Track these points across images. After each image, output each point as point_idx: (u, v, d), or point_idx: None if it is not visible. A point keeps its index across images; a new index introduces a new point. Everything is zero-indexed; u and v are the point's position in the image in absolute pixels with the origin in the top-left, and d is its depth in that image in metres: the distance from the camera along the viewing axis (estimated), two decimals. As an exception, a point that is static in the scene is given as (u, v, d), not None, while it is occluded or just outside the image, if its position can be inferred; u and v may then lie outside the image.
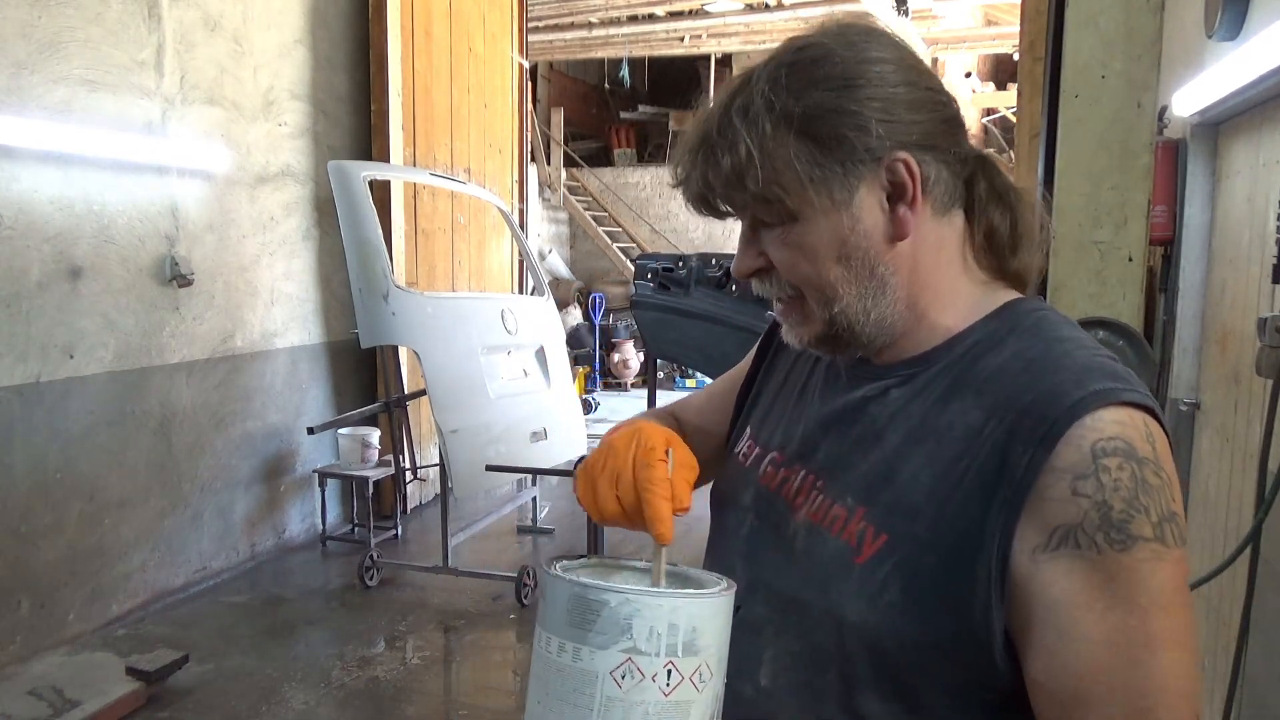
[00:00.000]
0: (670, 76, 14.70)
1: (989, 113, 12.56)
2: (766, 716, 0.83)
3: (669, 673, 0.69)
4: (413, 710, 3.34)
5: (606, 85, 15.22)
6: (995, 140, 12.44)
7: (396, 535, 5.16)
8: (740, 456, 0.97)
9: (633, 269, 7.68)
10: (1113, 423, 0.70)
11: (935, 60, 10.96)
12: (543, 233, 12.02)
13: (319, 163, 4.92)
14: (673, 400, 1.20)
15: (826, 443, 0.86)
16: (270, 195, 4.72)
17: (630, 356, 10.89)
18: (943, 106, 0.81)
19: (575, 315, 10.93)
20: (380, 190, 4.95)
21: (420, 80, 5.51)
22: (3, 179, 3.33)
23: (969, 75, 12.44)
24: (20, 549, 3.45)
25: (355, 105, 5.31)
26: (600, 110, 15.41)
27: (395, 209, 5.19)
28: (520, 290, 6.84)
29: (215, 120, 4.34)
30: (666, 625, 0.69)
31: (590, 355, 10.73)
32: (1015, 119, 5.10)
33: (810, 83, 0.76)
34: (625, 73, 12.06)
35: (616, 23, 10.37)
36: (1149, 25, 2.94)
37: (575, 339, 10.27)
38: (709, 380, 1.23)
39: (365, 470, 4.91)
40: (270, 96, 4.69)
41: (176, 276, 4.07)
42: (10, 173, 3.36)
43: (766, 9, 9.90)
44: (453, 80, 5.91)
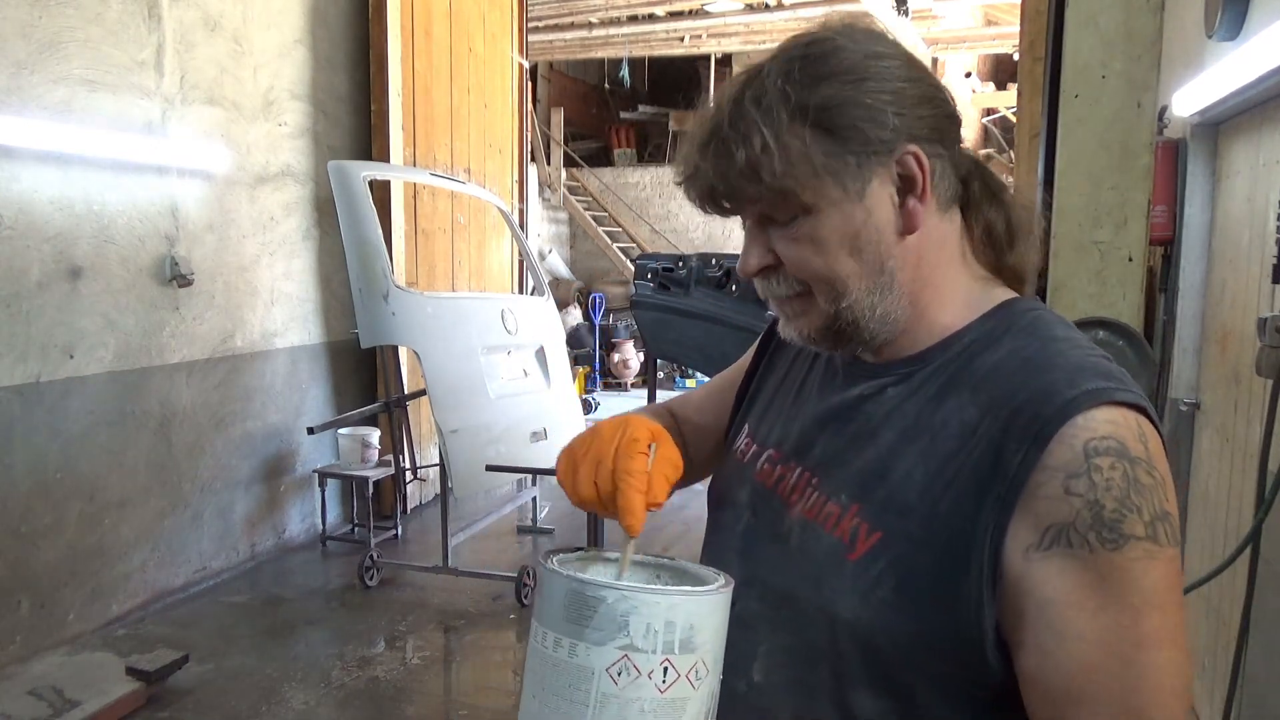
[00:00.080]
0: (670, 76, 14.70)
1: (989, 113, 12.55)
2: (759, 712, 0.84)
3: (665, 670, 0.69)
4: (413, 710, 3.34)
5: (606, 85, 15.22)
6: (995, 140, 12.43)
7: (396, 535, 5.16)
8: (738, 454, 0.97)
9: (633, 269, 7.67)
10: (1105, 422, 0.70)
11: (935, 60, 10.95)
12: (543, 233, 12.02)
13: (319, 163, 4.92)
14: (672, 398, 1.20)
15: (822, 440, 0.87)
16: (270, 195, 4.72)
17: (630, 356, 10.88)
18: (944, 103, 0.82)
19: (575, 315, 10.93)
20: (380, 190, 4.95)
21: (420, 80, 5.51)
22: (3, 179, 3.33)
23: (969, 75, 12.43)
24: (20, 549, 3.45)
25: (355, 105, 5.31)
26: (600, 110, 15.41)
27: (395, 209, 5.19)
28: (520, 290, 6.84)
29: (215, 120, 4.33)
30: (663, 622, 0.69)
31: (590, 355, 10.72)
32: (1015, 119, 5.10)
33: (822, 75, 0.76)
34: (625, 73, 12.05)
35: (616, 23, 10.37)
36: (1149, 25, 2.94)
37: (575, 339, 10.26)
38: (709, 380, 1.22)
39: (365, 470, 4.91)
40: (270, 96, 4.69)
41: (176, 276, 4.07)
42: (10, 173, 3.36)
43: (766, 9, 9.90)
44: (453, 80, 5.91)
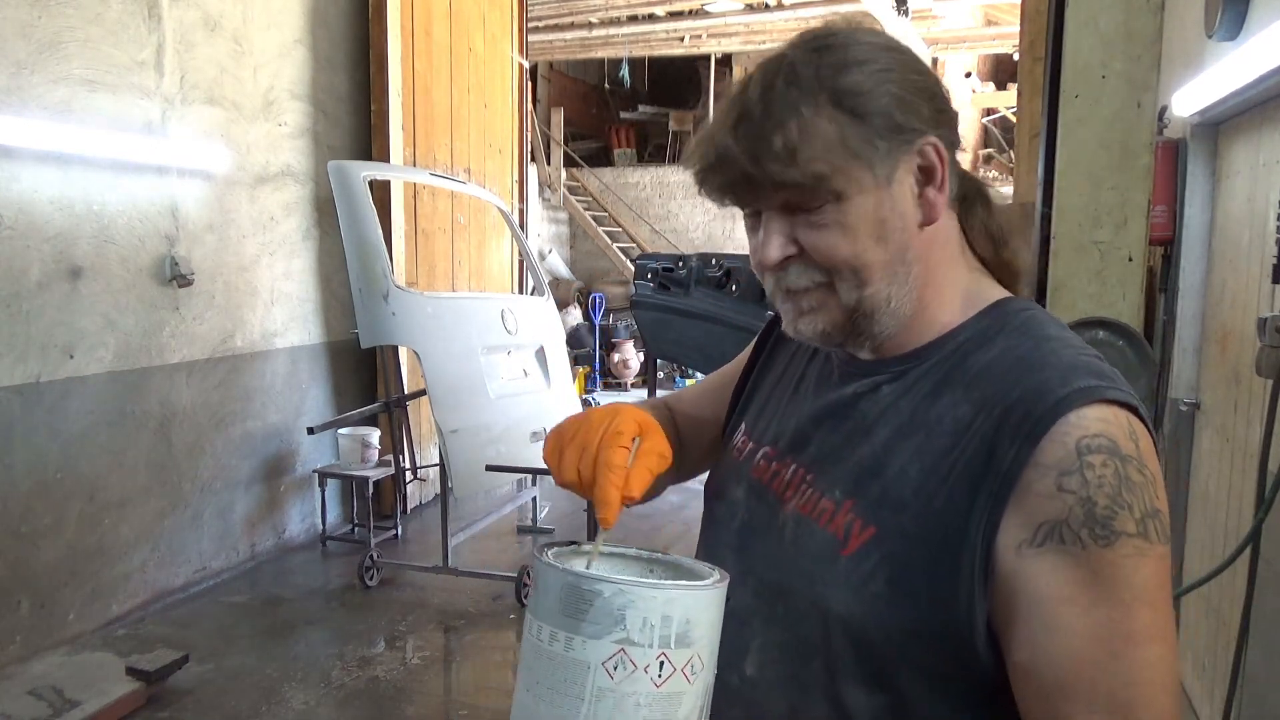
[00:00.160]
0: (670, 76, 14.72)
1: (989, 113, 12.56)
2: (752, 706, 0.84)
3: (661, 664, 0.69)
4: (413, 710, 3.34)
5: (606, 85, 15.22)
6: (995, 140, 12.44)
7: (396, 535, 5.16)
8: (734, 451, 0.98)
9: (633, 269, 7.68)
10: (1096, 420, 0.71)
11: (935, 60, 10.95)
12: (543, 233, 12.02)
13: (319, 163, 4.92)
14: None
15: (818, 437, 0.87)
16: (270, 195, 4.72)
17: (630, 356, 10.89)
18: (948, 101, 0.83)
19: (575, 315, 10.93)
20: (380, 190, 4.95)
21: (420, 80, 5.51)
22: (3, 179, 3.33)
23: (969, 75, 12.44)
24: (20, 549, 3.45)
25: (355, 105, 5.31)
26: (600, 110, 15.41)
27: (395, 209, 5.19)
28: (520, 290, 6.84)
29: (215, 120, 4.34)
30: (660, 616, 0.68)
31: (590, 355, 10.73)
32: (1015, 119, 5.10)
33: (848, 63, 0.77)
34: (625, 73, 12.06)
35: (616, 23, 10.37)
36: (1149, 25, 2.94)
37: (575, 339, 10.27)
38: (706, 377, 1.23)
39: (365, 470, 4.91)
40: (270, 96, 4.69)
41: (176, 276, 4.07)
42: (10, 173, 3.36)
43: (766, 9, 9.90)
44: (453, 80, 5.91)
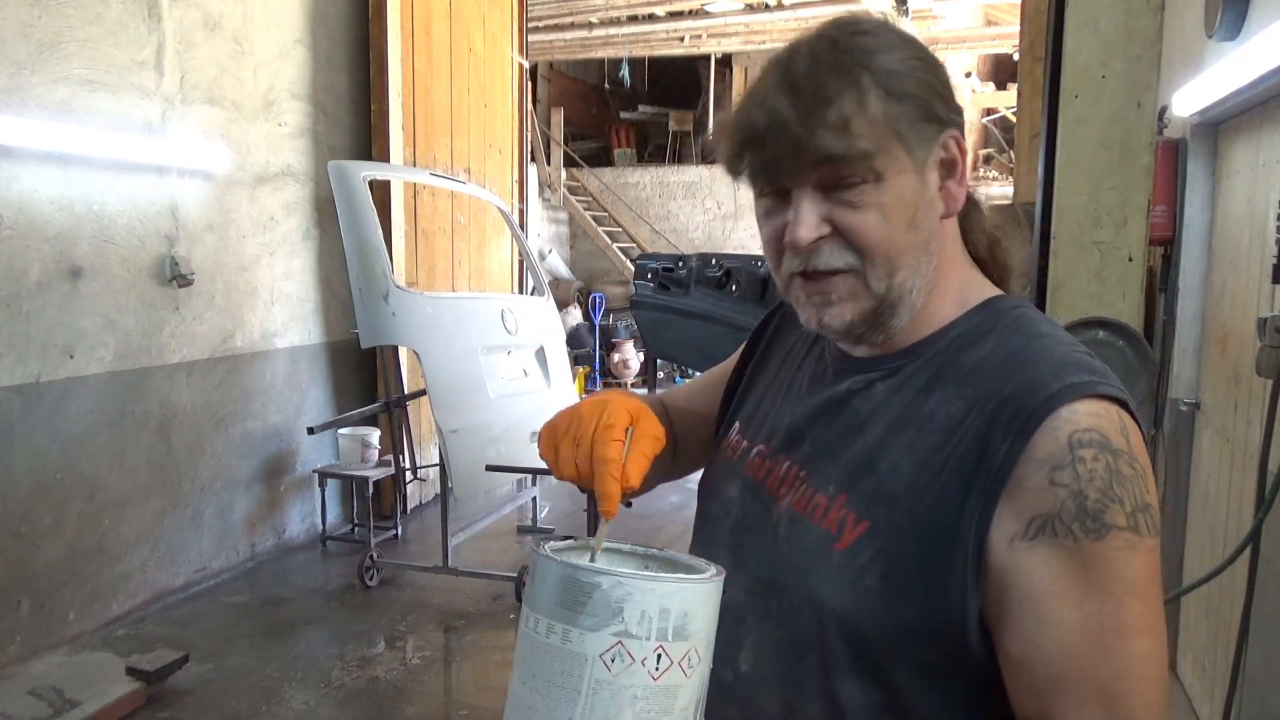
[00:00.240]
0: (670, 76, 14.71)
1: (989, 113, 12.55)
2: (747, 702, 0.85)
3: (659, 657, 0.69)
4: (413, 710, 3.34)
5: (606, 85, 15.22)
6: (995, 140, 12.43)
7: (396, 535, 5.15)
8: (728, 449, 0.98)
9: (633, 269, 7.68)
10: (1088, 415, 0.72)
11: (935, 60, 10.94)
12: (543, 233, 12.02)
13: (319, 163, 4.92)
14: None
15: (811, 435, 0.88)
16: (270, 195, 4.72)
17: (630, 356, 10.88)
18: (957, 99, 0.84)
19: (575, 315, 10.93)
20: (380, 190, 4.94)
21: (420, 80, 5.50)
22: (3, 179, 3.33)
23: (969, 75, 12.43)
24: (20, 549, 3.45)
25: (355, 105, 5.31)
26: (600, 110, 15.41)
27: (395, 209, 5.19)
28: (520, 290, 6.84)
29: (215, 120, 4.33)
30: (658, 609, 0.68)
31: (590, 355, 10.72)
32: (1015, 119, 5.10)
33: (885, 48, 0.78)
34: (625, 73, 12.06)
35: (616, 23, 10.37)
36: (1149, 25, 2.94)
37: (575, 339, 10.26)
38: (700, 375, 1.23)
39: (365, 470, 4.91)
40: (270, 96, 4.69)
41: (176, 276, 4.06)
42: (10, 173, 3.36)
43: (766, 9, 9.90)
44: (453, 80, 5.91)
